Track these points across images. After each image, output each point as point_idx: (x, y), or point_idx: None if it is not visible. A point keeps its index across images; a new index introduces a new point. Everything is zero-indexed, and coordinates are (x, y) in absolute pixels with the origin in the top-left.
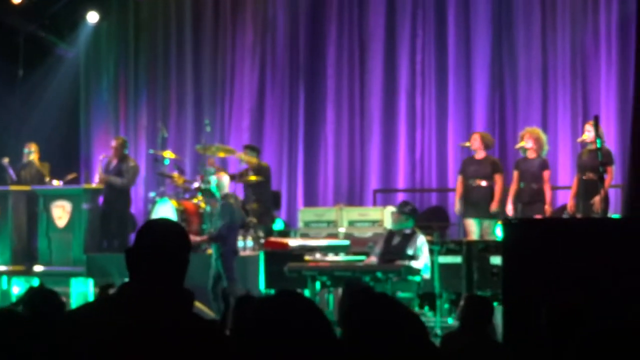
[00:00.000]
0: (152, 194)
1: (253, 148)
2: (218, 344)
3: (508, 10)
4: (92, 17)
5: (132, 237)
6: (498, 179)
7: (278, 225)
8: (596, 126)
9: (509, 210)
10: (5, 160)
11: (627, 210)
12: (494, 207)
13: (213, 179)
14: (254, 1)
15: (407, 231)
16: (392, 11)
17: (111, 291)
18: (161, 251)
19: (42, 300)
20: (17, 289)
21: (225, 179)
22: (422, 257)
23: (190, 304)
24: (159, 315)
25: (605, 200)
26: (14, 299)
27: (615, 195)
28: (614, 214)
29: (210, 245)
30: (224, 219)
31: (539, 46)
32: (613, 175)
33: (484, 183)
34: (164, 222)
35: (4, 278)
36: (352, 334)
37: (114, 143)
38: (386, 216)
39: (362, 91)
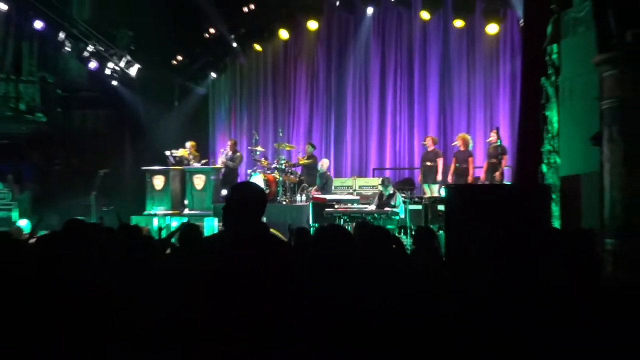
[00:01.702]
0: (249, 171)
1: (312, 144)
2: (286, 248)
3: (448, 64)
4: (214, 73)
5: None
6: (439, 162)
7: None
8: (497, 132)
9: (449, 179)
10: (168, 152)
11: (515, 180)
12: (437, 178)
13: (320, 163)
14: (305, 63)
15: (390, 191)
16: (383, 65)
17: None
18: (243, 200)
19: (189, 229)
20: (174, 223)
21: (325, 162)
22: (399, 206)
23: (267, 230)
24: (248, 232)
25: (501, 175)
26: (172, 229)
27: (508, 172)
28: (506, 182)
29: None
30: (321, 183)
31: (465, 84)
32: (506, 161)
33: (430, 164)
34: (246, 184)
35: (167, 218)
36: (362, 245)
37: (229, 142)
38: (378, 184)
39: (366, 110)
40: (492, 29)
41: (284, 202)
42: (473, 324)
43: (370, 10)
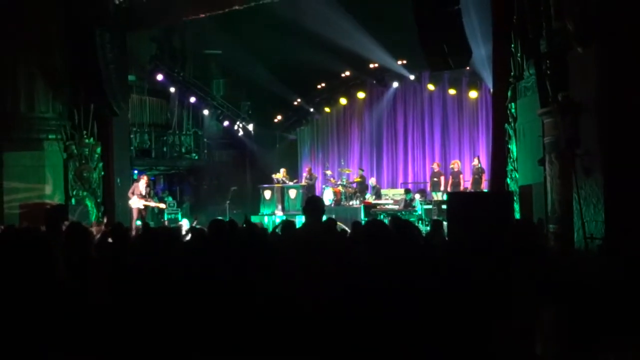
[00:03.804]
0: (323, 186)
1: (361, 168)
2: (345, 234)
3: (446, 117)
4: (300, 126)
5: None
6: (442, 178)
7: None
8: (478, 159)
9: (448, 189)
10: (273, 175)
11: (490, 189)
12: (441, 188)
13: (369, 180)
14: (356, 118)
15: (411, 197)
16: (405, 118)
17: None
18: (313, 206)
19: (288, 224)
20: (278, 220)
21: (373, 179)
22: (417, 206)
23: (334, 223)
24: (319, 225)
25: (481, 187)
26: (276, 224)
27: (486, 185)
28: (485, 190)
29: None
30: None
31: (457, 129)
32: (484, 177)
33: (436, 179)
34: (314, 196)
35: (274, 217)
36: (395, 230)
37: (306, 169)
38: (403, 192)
39: (395, 146)
40: (473, 94)
41: (346, 205)
42: (460, 284)
43: (395, 84)
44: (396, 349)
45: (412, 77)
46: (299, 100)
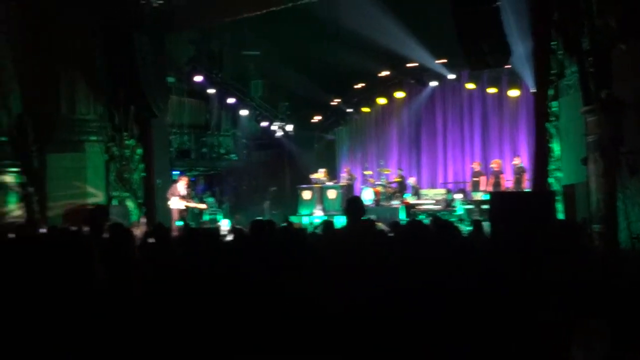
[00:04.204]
0: (362, 186)
1: (401, 168)
2: (382, 235)
3: (486, 116)
4: (339, 126)
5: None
6: (482, 178)
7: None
8: (519, 158)
9: (489, 189)
10: (312, 176)
11: (532, 189)
12: (481, 188)
13: (409, 180)
14: (395, 118)
15: (452, 197)
16: (444, 117)
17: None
18: (354, 206)
19: (327, 224)
20: (317, 220)
21: (413, 179)
22: (457, 206)
23: (374, 223)
24: (359, 225)
25: (523, 186)
26: (316, 224)
27: (528, 184)
28: (527, 190)
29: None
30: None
31: (497, 128)
32: (526, 177)
33: (476, 179)
34: (355, 197)
35: (313, 217)
36: (436, 231)
37: (346, 169)
38: (444, 192)
39: (434, 145)
40: (513, 93)
41: (385, 205)
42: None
43: (434, 84)
44: (434, 350)
45: (451, 77)
46: (337, 100)
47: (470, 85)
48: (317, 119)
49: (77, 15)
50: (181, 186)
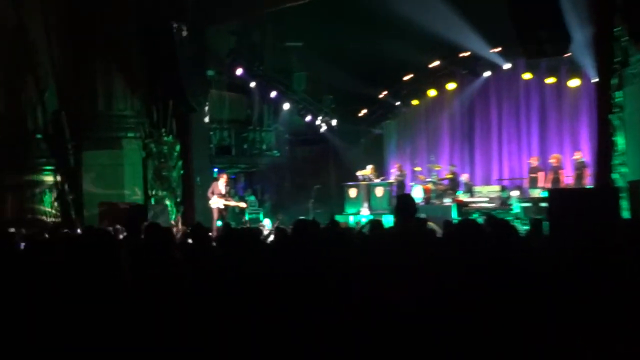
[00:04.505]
0: (412, 183)
1: (453, 164)
2: (433, 235)
3: (544, 107)
4: (386, 120)
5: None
6: (540, 174)
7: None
8: (580, 152)
9: (548, 186)
10: (358, 173)
11: (595, 185)
12: (539, 185)
13: (461, 177)
14: (446, 110)
15: (507, 194)
16: (499, 109)
17: None
18: (404, 204)
19: (376, 224)
20: (364, 219)
21: (465, 175)
22: (513, 204)
23: (425, 222)
24: (410, 225)
25: (584, 182)
26: (363, 223)
27: (590, 180)
28: (589, 186)
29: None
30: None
31: (556, 119)
32: (587, 172)
33: (534, 175)
34: (405, 194)
35: (359, 216)
36: (492, 233)
37: (396, 165)
38: (499, 190)
39: (488, 139)
40: (573, 83)
41: (436, 204)
42: (563, 281)
43: (487, 74)
44: (488, 352)
45: (506, 66)
46: (384, 92)
47: (526, 75)
48: (363, 112)
49: (115, 7)
50: (221, 184)
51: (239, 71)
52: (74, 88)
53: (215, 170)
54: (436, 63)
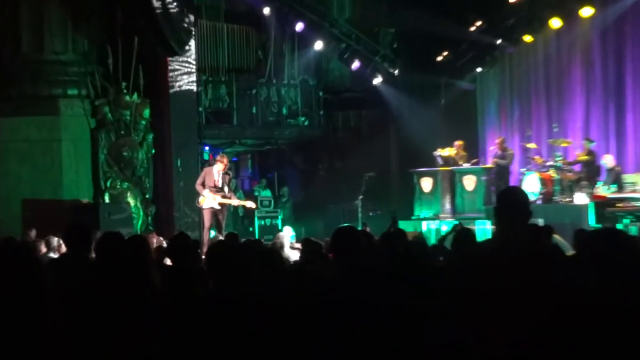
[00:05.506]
0: (522, 170)
1: (589, 139)
2: (559, 253)
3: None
4: (482, 67)
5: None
6: None
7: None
8: None
9: None
10: (436, 152)
11: None
12: None
13: (603, 159)
14: (580, 52)
15: None
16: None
17: None
18: (509, 203)
19: (463, 233)
20: (444, 227)
21: (609, 157)
22: None
23: (546, 233)
24: (519, 238)
25: None
26: (442, 233)
27: None
28: None
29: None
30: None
31: None
32: None
33: None
34: (511, 188)
35: (438, 221)
36: None
37: (497, 140)
38: None
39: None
40: None
41: (562, 202)
42: None
43: None
44: None
45: None
46: (477, 23)
47: None
48: (443, 55)
49: None
50: (216, 171)
51: None
52: None
53: (207, 149)
54: None
